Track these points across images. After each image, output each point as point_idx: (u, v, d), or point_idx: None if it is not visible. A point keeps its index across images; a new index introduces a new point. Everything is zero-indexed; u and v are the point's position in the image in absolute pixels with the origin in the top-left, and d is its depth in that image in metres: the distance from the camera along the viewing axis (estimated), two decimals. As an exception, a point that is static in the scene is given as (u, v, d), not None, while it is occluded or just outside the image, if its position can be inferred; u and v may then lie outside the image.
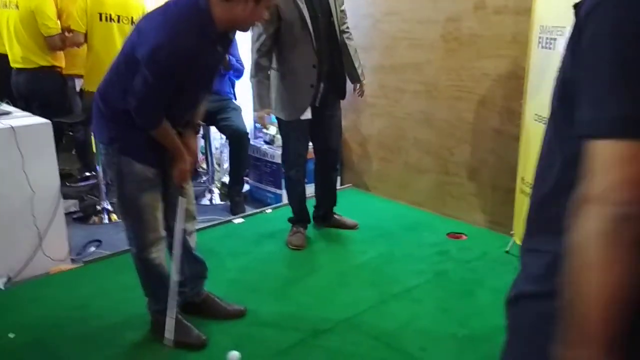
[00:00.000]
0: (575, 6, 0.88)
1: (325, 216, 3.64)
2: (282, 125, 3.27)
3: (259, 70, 3.10)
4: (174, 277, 2.30)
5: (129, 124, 2.17)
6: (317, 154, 3.50)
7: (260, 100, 3.15)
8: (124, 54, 2.15)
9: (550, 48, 2.72)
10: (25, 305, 2.75)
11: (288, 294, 2.82)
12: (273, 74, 3.15)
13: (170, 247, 2.43)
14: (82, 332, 2.48)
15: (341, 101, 3.42)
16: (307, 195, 3.52)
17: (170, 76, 2.03)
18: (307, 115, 3.19)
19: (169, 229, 2.41)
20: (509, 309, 1.04)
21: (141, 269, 2.36)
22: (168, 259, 2.41)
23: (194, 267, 2.57)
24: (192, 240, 2.55)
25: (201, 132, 3.90)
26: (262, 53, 3.06)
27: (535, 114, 2.90)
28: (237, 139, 4.09)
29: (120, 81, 2.16)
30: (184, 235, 2.49)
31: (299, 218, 3.48)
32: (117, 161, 2.21)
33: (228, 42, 2.22)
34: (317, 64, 3.11)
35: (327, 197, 3.60)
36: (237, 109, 4.27)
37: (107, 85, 2.22)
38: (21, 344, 2.42)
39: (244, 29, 2.20)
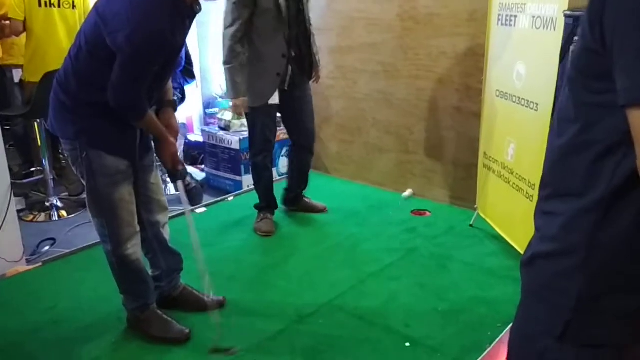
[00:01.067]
0: None
1: (295, 199, 3.61)
2: (248, 111, 3.20)
3: (234, 57, 3.00)
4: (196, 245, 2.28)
5: (96, 115, 2.06)
6: (293, 136, 3.44)
7: (236, 87, 3.05)
8: (85, 41, 2.02)
9: (510, 25, 2.79)
10: (-14, 311, 2.58)
11: (266, 281, 2.79)
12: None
13: (144, 241, 2.35)
14: (56, 335, 2.35)
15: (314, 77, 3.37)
16: (274, 179, 3.48)
17: (149, 61, 1.94)
18: (275, 99, 3.14)
19: (142, 223, 2.32)
20: (524, 270, 1.08)
21: (117, 266, 2.25)
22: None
23: (170, 259, 2.49)
24: (166, 233, 2.47)
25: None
26: (237, 39, 2.97)
27: (497, 90, 2.97)
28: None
29: (83, 71, 2.04)
30: (158, 228, 2.41)
31: (266, 204, 3.44)
32: (86, 156, 2.08)
33: (194, 16, 2.13)
34: (286, 52, 3.06)
35: (300, 180, 3.57)
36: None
37: (68, 75, 2.08)
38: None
39: None
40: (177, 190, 3.73)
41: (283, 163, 4.29)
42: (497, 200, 3.07)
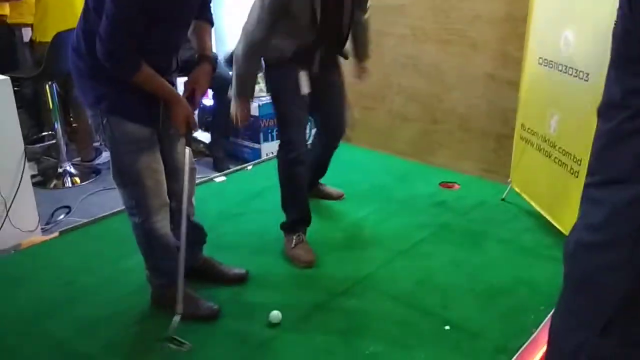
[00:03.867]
0: None
1: (310, 185, 3.08)
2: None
3: (250, 62, 2.46)
4: (182, 244, 2.07)
5: (114, 79, 1.91)
6: (320, 127, 3.01)
7: (241, 87, 2.51)
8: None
9: (559, -13, 2.59)
10: (4, 284, 2.47)
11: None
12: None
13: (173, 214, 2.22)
14: (75, 313, 2.25)
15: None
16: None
17: (136, 5, 1.76)
18: (305, 89, 2.54)
19: (168, 194, 2.19)
20: (567, 259, 1.05)
21: (144, 240, 2.14)
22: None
23: (192, 233, 2.37)
24: (191, 206, 2.34)
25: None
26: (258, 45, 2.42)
27: (540, 58, 2.78)
28: (221, 86, 3.75)
29: (92, 31, 1.86)
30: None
31: (300, 217, 2.71)
32: (107, 123, 1.95)
33: None
34: (311, 46, 2.50)
35: (318, 170, 3.14)
36: (216, 55, 3.92)
37: (79, 39, 1.93)
38: (12, 331, 2.17)
39: None
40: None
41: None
42: (535, 175, 2.92)
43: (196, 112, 4.53)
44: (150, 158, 2.03)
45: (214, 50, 2.72)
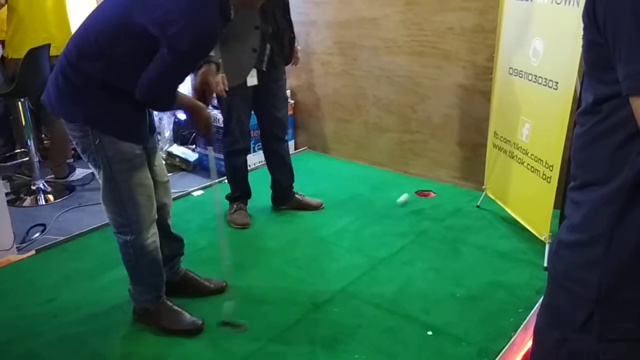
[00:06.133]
0: None
1: (285, 195, 3.32)
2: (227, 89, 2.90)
3: None
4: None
5: (109, 98, 1.91)
6: (264, 124, 3.16)
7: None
8: (115, 23, 1.84)
9: (526, 0, 2.68)
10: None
11: (274, 267, 2.68)
12: None
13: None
14: (59, 330, 2.21)
15: (293, 59, 3.12)
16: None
17: (197, 59, 1.89)
18: (254, 81, 2.87)
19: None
20: (551, 258, 1.12)
21: (134, 256, 2.11)
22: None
23: (172, 245, 2.37)
24: (170, 217, 2.34)
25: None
26: None
27: (510, 68, 2.87)
28: None
29: (104, 52, 1.85)
30: (163, 212, 2.28)
31: (240, 194, 3.21)
32: (100, 143, 1.93)
33: (228, 22, 2.04)
34: (259, 24, 2.77)
35: (281, 172, 3.27)
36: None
37: (82, 55, 1.89)
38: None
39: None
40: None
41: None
42: (509, 182, 3.00)
43: (170, 127, 4.51)
44: (143, 174, 2.03)
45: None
